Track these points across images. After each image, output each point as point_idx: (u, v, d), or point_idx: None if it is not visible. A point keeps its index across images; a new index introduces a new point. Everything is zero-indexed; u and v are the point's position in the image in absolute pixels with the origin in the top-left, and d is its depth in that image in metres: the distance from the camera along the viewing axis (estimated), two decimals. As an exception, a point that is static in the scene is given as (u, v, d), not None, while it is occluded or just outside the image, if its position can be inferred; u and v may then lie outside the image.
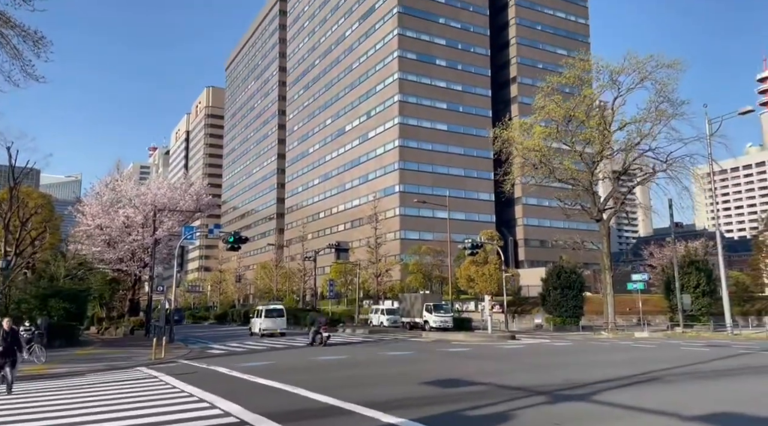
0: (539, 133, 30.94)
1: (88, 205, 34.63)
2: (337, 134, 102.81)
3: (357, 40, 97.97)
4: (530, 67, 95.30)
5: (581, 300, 37.89)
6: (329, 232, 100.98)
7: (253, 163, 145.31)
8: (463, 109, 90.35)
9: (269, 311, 35.03)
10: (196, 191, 37.67)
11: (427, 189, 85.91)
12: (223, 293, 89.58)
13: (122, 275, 37.83)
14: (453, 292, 46.26)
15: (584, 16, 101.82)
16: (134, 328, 35.58)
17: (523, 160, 32.56)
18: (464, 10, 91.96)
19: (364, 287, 63.14)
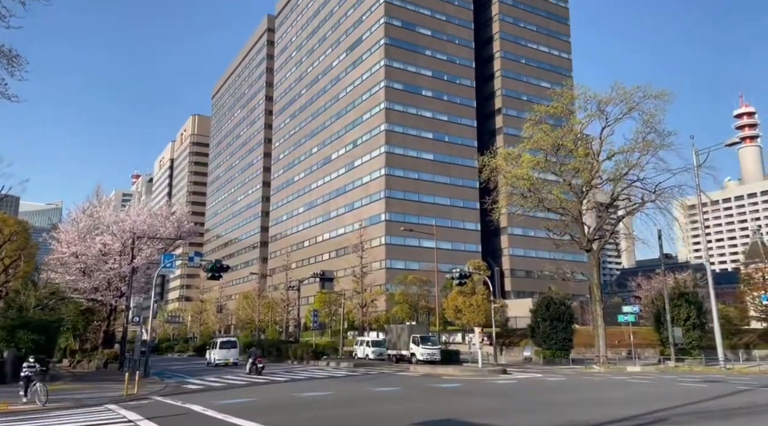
0: (528, 162, 30.69)
1: (63, 231, 33.31)
2: (323, 162, 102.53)
3: (344, 70, 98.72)
4: (515, 99, 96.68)
5: (571, 332, 37.15)
6: (314, 261, 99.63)
7: (237, 191, 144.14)
8: (449, 138, 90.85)
9: (223, 343, 40.35)
10: (177, 218, 36.57)
11: (413, 218, 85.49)
12: (203, 324, 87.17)
13: (97, 305, 36.25)
14: (440, 324, 45.25)
15: (567, 50, 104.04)
16: (108, 360, 33.94)
17: (511, 189, 32.18)
18: (450, 42, 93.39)
19: (349, 318, 61.77)
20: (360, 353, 41.62)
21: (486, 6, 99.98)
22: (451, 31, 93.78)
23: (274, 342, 42.71)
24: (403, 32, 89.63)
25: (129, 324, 30.11)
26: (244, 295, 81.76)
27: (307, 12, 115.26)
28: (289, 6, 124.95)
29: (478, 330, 29.35)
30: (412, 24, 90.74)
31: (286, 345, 40.28)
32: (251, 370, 29.44)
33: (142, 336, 30.54)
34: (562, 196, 30.16)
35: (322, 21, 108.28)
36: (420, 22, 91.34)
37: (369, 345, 40.84)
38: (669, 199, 29.26)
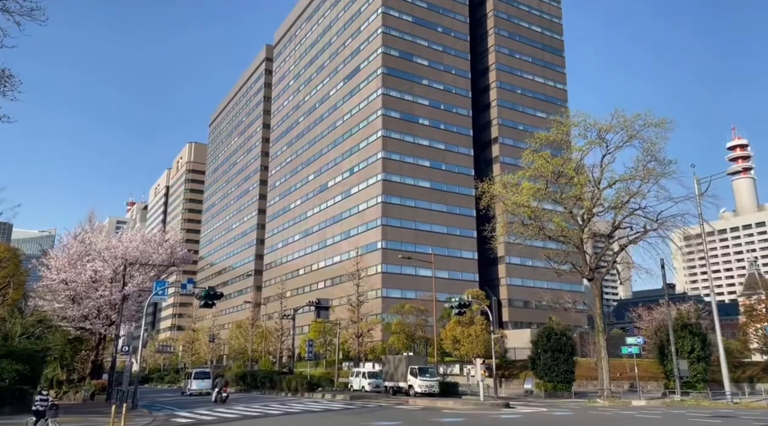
0: (528, 190, 30.34)
1: (53, 257, 32.47)
2: (319, 190, 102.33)
3: (341, 98, 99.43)
4: (511, 128, 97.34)
5: (572, 364, 36.22)
6: (308, 290, 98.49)
7: (232, 219, 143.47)
8: (446, 167, 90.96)
9: (197, 374, 43.38)
10: (170, 244, 35.82)
11: (410, 246, 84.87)
12: (195, 354, 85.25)
13: (86, 334, 35.12)
14: (438, 354, 44.15)
15: (562, 81, 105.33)
16: (95, 392, 32.68)
17: (511, 217, 31.74)
18: (447, 72, 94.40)
19: (344, 348, 60.44)
20: (356, 385, 40.42)
21: (482, 37, 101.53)
22: (448, 62, 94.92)
23: (267, 373, 41.43)
24: (400, 62, 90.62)
25: (118, 354, 29.04)
26: (237, 325, 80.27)
27: (306, 42, 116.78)
28: (287, 36, 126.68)
29: (480, 361, 28.46)
30: (410, 54, 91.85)
31: (280, 376, 39.07)
32: (216, 399, 31.60)
33: (131, 366, 29.46)
34: (563, 224, 29.69)
35: (320, 50, 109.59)
36: (417, 52, 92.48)
37: (365, 376, 39.69)
38: (671, 227, 28.86)
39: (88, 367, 35.23)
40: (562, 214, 31.05)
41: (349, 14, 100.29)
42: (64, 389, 36.46)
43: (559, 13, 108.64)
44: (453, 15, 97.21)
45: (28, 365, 23.49)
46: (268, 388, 40.26)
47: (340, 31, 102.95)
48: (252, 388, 42.41)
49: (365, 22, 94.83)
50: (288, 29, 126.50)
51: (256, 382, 41.91)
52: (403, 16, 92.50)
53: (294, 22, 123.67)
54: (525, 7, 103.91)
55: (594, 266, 30.21)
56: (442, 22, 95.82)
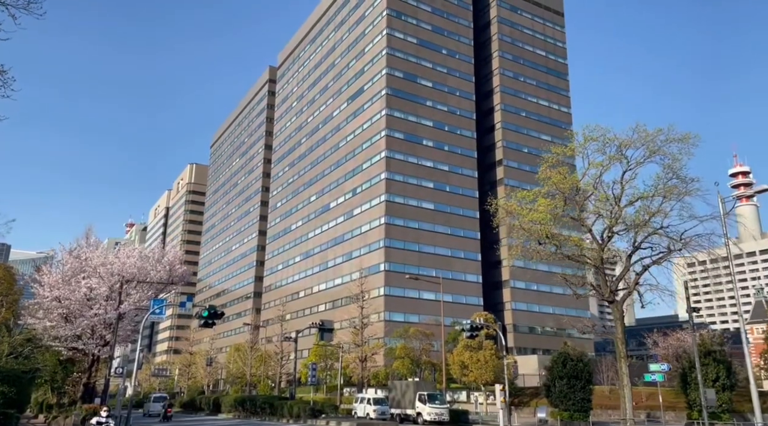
0: (545, 206, 29.06)
1: (46, 273, 30.99)
2: (321, 211, 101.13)
3: (345, 119, 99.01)
4: (515, 150, 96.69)
5: (589, 392, 34.41)
6: (309, 313, 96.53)
7: (232, 240, 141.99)
8: (450, 189, 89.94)
9: (156, 398, 51.60)
10: (169, 261, 34.38)
11: (413, 268, 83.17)
12: (192, 378, 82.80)
13: (78, 355, 33.40)
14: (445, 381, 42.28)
15: (566, 105, 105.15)
16: (86, 416, 30.83)
17: (526, 235, 30.40)
18: (451, 94, 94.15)
19: (345, 373, 58.41)
20: (360, 411, 38.47)
21: (486, 60, 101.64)
22: (452, 84, 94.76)
23: (267, 398, 39.47)
24: (404, 83, 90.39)
25: (112, 376, 27.35)
26: (236, 348, 78.11)
27: (309, 63, 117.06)
28: (291, 58, 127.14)
29: (500, 387, 26.73)
30: (414, 75, 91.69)
31: (281, 401, 37.14)
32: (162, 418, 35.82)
33: (125, 390, 27.77)
34: (583, 243, 28.31)
35: (324, 72, 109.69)
36: (421, 74, 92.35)
37: (370, 403, 37.75)
38: (696, 248, 27.51)
39: (80, 390, 33.40)
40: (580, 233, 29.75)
41: (354, 36, 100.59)
42: (54, 413, 34.61)
43: (562, 37, 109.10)
44: (457, 38, 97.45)
45: (14, 387, 21.82)
46: (268, 414, 38.26)
47: (344, 52, 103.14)
48: (251, 414, 40.44)
49: (370, 44, 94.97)
50: (292, 51, 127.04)
51: (255, 407, 39.92)
52: (408, 38, 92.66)
53: (298, 44, 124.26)
54: (529, 31, 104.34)
55: (614, 288, 28.71)
56: (447, 44, 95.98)
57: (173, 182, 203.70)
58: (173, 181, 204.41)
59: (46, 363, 27.85)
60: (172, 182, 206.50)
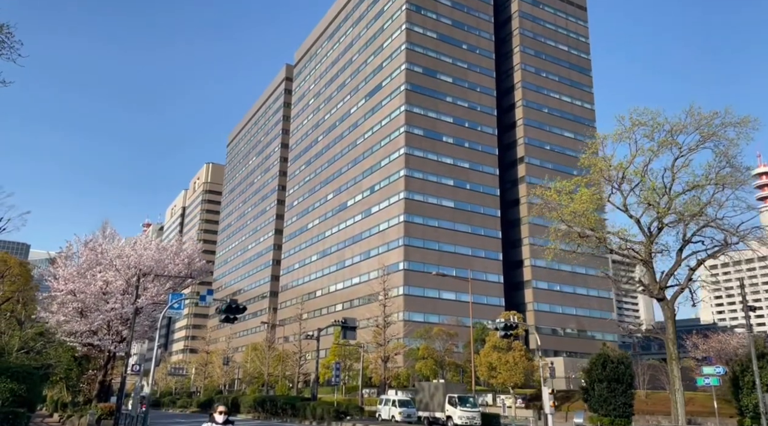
0: (587, 197, 27.07)
1: (61, 266, 29.71)
2: (338, 209, 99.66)
3: (362, 116, 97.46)
4: (538, 148, 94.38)
5: (631, 396, 32.29)
6: (326, 312, 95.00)
7: (248, 239, 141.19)
8: (471, 186, 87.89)
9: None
10: (188, 254, 32.98)
11: (433, 267, 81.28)
12: (208, 377, 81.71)
13: (94, 352, 32.10)
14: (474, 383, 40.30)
15: (590, 101, 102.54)
16: (102, 416, 29.48)
17: (567, 228, 28.41)
18: (471, 90, 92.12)
19: (365, 373, 56.71)
20: (384, 414, 36.67)
21: (507, 56, 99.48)
22: (473, 79, 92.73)
23: (288, 399, 37.88)
24: (424, 78, 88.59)
25: (128, 373, 25.94)
26: (253, 347, 76.80)
27: (326, 60, 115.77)
28: (308, 55, 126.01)
29: (548, 391, 24.84)
30: (434, 71, 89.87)
31: (303, 403, 35.53)
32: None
33: (141, 388, 26.31)
34: (631, 238, 26.21)
35: (341, 69, 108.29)
36: (441, 69, 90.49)
37: (395, 405, 35.93)
38: (753, 240, 25.34)
39: (95, 388, 32.07)
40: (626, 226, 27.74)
41: (372, 32, 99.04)
42: (69, 412, 33.35)
43: (585, 32, 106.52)
44: (478, 32, 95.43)
45: (24, 384, 20.38)
46: (290, 415, 36.62)
47: (362, 48, 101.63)
48: (271, 416, 38.85)
49: (388, 39, 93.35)
50: (309, 48, 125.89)
51: (276, 408, 38.34)
52: (428, 32, 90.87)
53: (315, 41, 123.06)
54: (551, 25, 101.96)
55: (664, 284, 26.62)
56: (467, 39, 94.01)
57: (190, 182, 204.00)
58: (190, 181, 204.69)
59: (59, 359, 26.56)
60: (189, 182, 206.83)
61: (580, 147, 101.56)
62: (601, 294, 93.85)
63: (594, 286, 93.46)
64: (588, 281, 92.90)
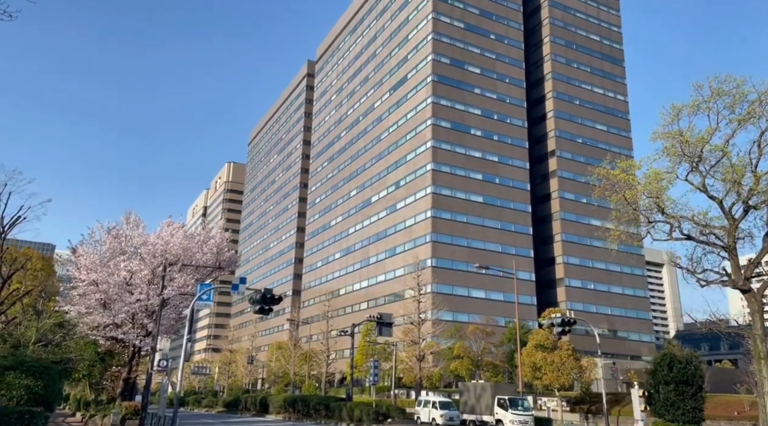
0: (657, 176, 24.20)
1: (83, 255, 27.75)
2: (362, 206, 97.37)
3: (387, 110, 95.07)
4: (569, 141, 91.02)
5: (701, 400, 29.12)
6: (349, 311, 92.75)
7: (270, 238, 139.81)
8: (500, 180, 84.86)
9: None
10: (216, 243, 30.91)
11: (462, 264, 78.64)
12: (232, 376, 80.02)
13: (117, 347, 30.15)
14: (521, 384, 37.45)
15: (623, 93, 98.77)
16: (126, 416, 27.49)
17: (633, 212, 25.49)
18: (500, 81, 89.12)
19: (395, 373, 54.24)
20: (424, 416, 34.16)
21: (536, 46, 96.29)
22: (501, 70, 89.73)
23: (322, 399, 35.58)
24: (451, 69, 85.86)
25: (154, 370, 23.80)
26: (278, 346, 74.80)
27: (349, 55, 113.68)
28: (330, 50, 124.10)
29: (639, 393, 22.00)
30: (461, 62, 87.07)
31: (338, 403, 33.23)
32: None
33: (167, 386, 24.17)
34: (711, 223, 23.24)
35: (365, 62, 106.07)
36: (469, 60, 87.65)
37: (436, 406, 33.39)
38: None
39: (119, 386, 30.09)
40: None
41: (397, 23, 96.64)
42: (91, 411, 31.51)
43: (618, 21, 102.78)
44: (506, 22, 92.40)
45: (40, 380, 18.28)
46: (323, 417, 34.31)
47: (386, 41, 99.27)
48: (303, 417, 36.60)
49: (414, 30, 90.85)
50: (331, 43, 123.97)
51: (308, 409, 36.07)
52: (455, 22, 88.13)
53: (337, 36, 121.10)
54: (582, 15, 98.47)
55: (750, 274, 23.63)
56: (495, 29, 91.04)
57: (211, 181, 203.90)
58: (211, 181, 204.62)
59: (81, 353, 24.59)
60: (210, 181, 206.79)
61: (612, 140, 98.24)
62: (636, 293, 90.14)
63: (629, 284, 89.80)
64: (623, 279, 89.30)
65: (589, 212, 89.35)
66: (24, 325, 21.73)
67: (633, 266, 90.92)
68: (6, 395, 17.72)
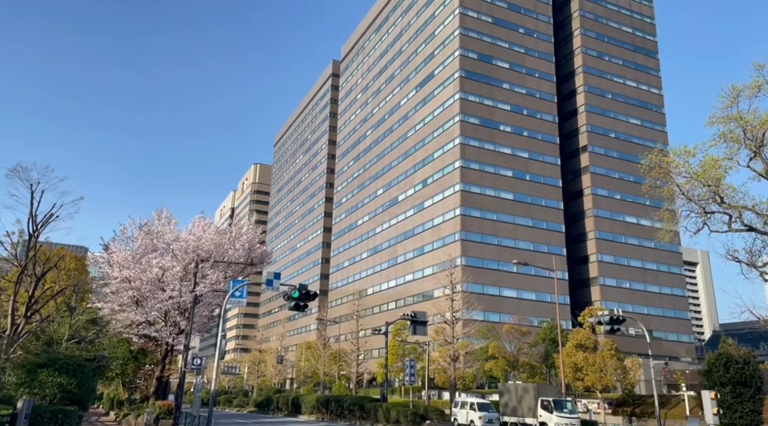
0: (713, 163, 22.62)
1: (115, 251, 27.39)
2: (388, 204, 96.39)
3: (413, 107, 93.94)
4: (601, 136, 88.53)
5: (760, 403, 27.47)
6: (377, 311, 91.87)
7: (297, 238, 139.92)
8: (531, 177, 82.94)
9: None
10: (248, 239, 30.29)
11: (492, 263, 77.08)
12: (261, 376, 79.93)
13: (150, 345, 29.73)
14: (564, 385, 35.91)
15: (657, 86, 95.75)
16: (160, 416, 27.01)
17: (683, 202, 23.96)
18: (529, 76, 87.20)
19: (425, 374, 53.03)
20: (461, 418, 32.96)
21: (566, 40, 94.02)
22: (531, 64, 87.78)
23: (356, 400, 34.64)
24: (479, 65, 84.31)
25: (189, 368, 23.18)
26: (307, 345, 74.29)
27: (374, 53, 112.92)
28: (355, 49, 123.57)
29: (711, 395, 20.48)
30: (489, 56, 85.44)
31: (374, 404, 32.27)
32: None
33: (201, 384, 23.51)
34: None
35: (390, 60, 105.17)
36: (497, 55, 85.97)
37: (474, 408, 32.16)
38: None
39: (153, 384, 29.65)
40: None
41: (423, 19, 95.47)
42: (125, 411, 31.17)
43: (651, 12, 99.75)
44: (535, 15, 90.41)
45: (74, 378, 17.75)
46: (358, 417, 33.41)
47: (412, 37, 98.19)
48: (337, 417, 35.75)
49: (440, 26, 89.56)
50: (356, 42, 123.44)
51: (342, 409, 35.22)
52: (482, 16, 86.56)
53: (362, 34, 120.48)
54: (613, 6, 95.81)
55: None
56: (524, 22, 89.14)
57: (238, 183, 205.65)
58: (238, 182, 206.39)
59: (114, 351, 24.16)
60: (237, 183, 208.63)
61: (647, 134, 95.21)
62: (674, 292, 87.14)
63: (667, 283, 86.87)
64: (660, 278, 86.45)
65: (623, 209, 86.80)
66: (57, 321, 21.35)
67: (670, 264, 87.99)
68: (39, 394, 17.26)
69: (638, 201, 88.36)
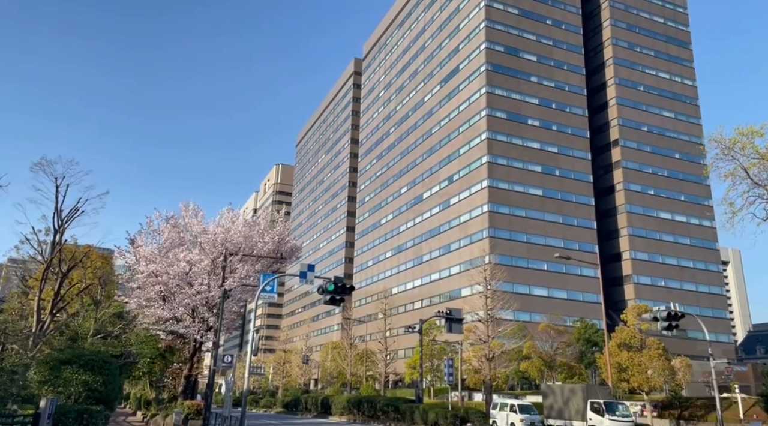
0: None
1: (141, 245, 26.36)
2: (413, 202, 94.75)
3: (438, 103, 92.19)
4: (634, 129, 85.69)
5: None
6: (402, 310, 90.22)
7: (320, 238, 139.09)
8: (560, 173, 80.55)
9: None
10: (278, 232, 29.07)
11: (522, 261, 74.95)
12: (286, 376, 79.00)
13: (178, 343, 28.67)
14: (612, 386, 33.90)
15: (691, 77, 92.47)
16: (189, 416, 25.88)
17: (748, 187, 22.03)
18: (558, 68, 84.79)
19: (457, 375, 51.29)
20: (501, 421, 31.22)
21: (597, 30, 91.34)
22: (559, 57, 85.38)
23: (390, 400, 33.21)
24: (505, 58, 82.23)
25: (217, 367, 21.98)
26: (333, 345, 73.07)
27: (397, 49, 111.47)
28: (377, 46, 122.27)
29: None
30: (516, 49, 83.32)
31: (409, 405, 30.77)
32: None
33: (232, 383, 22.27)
34: None
35: (413, 56, 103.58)
36: (524, 47, 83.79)
37: (515, 410, 30.42)
38: None
39: (181, 383, 28.56)
40: None
41: (447, 13, 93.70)
42: (152, 411, 30.20)
43: (683, 1, 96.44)
44: (563, 6, 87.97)
45: (99, 376, 16.60)
46: (392, 419, 31.94)
47: (436, 32, 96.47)
48: (370, 419, 34.34)
49: (465, 19, 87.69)
50: (378, 39, 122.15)
51: (374, 410, 33.80)
52: (509, 8, 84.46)
53: (384, 31, 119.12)
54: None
55: None
56: (552, 13, 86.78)
57: (260, 184, 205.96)
58: (260, 183, 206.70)
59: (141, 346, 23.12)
60: (259, 184, 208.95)
61: (681, 127, 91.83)
62: (712, 290, 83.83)
63: (704, 281, 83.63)
64: (696, 276, 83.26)
65: (657, 205, 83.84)
66: (82, 315, 20.33)
67: (707, 261, 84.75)
68: (63, 392, 16.14)
69: (673, 196, 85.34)
